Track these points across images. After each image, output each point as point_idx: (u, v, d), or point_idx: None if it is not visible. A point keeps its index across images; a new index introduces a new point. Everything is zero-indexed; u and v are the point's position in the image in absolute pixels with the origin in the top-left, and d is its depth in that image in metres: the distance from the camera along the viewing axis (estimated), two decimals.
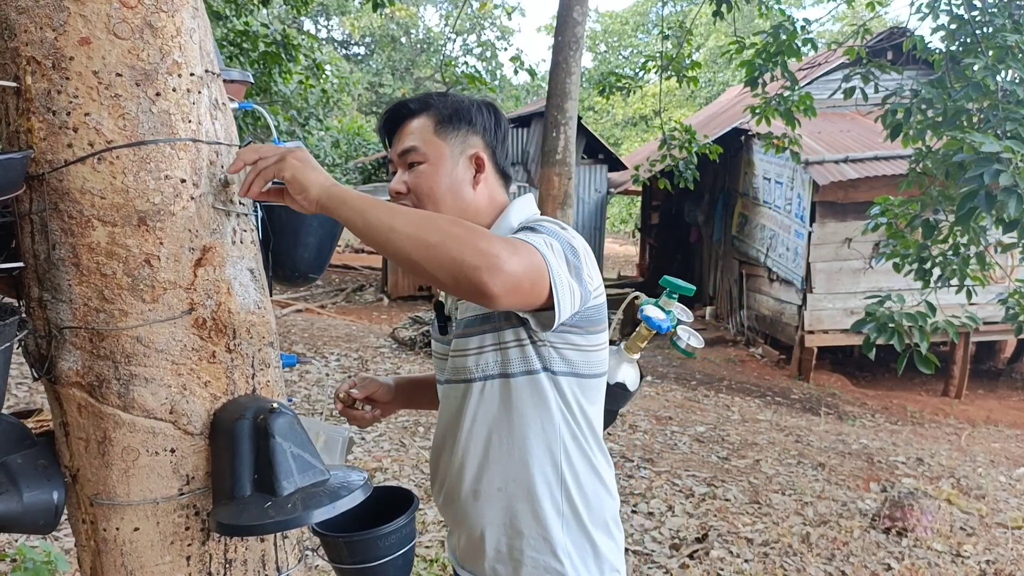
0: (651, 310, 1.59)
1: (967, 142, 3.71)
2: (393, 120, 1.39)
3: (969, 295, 4.71)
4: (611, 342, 1.48)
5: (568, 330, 1.27)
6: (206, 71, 1.22)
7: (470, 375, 1.34)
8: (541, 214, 1.42)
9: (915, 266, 4.80)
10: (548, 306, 1.14)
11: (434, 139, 1.34)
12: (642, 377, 1.64)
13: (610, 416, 1.49)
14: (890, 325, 4.13)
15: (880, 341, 4.21)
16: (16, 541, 3.07)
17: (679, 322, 1.62)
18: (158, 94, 1.14)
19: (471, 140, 1.36)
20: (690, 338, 1.64)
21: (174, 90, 1.15)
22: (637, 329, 1.59)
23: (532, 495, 1.32)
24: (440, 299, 1.47)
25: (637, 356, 1.61)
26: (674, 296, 1.62)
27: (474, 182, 1.36)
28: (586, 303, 1.23)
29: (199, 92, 1.19)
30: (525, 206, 1.39)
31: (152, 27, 1.13)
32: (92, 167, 1.11)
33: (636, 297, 1.86)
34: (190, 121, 1.18)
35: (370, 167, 18.75)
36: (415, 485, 4.42)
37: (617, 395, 1.55)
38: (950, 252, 4.72)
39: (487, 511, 1.36)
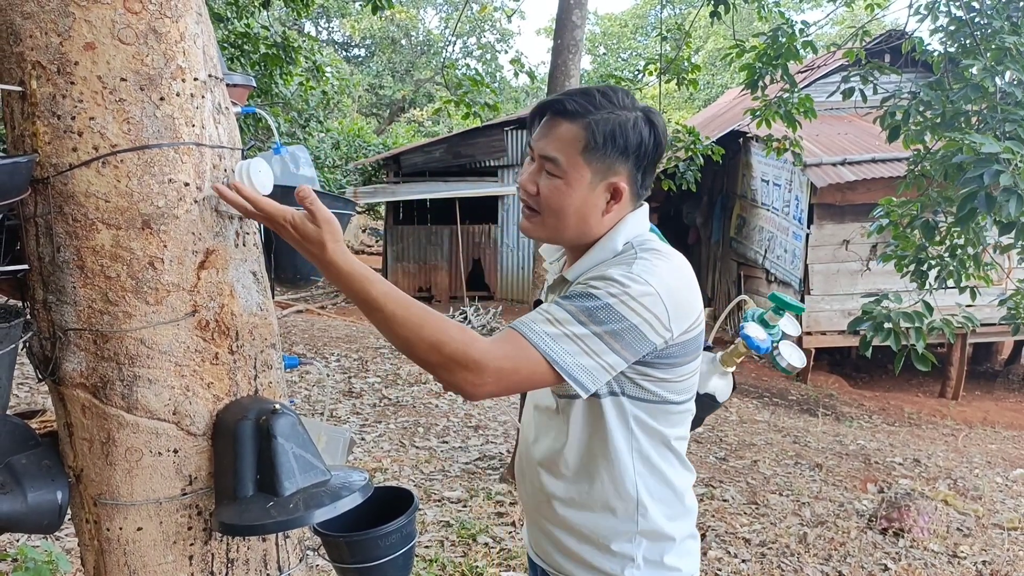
0: (752, 328, 1.54)
1: (966, 143, 3.72)
2: (549, 110, 1.32)
3: (973, 295, 4.72)
4: (707, 348, 1.47)
5: (647, 367, 1.26)
6: (209, 75, 1.23)
7: (548, 401, 1.37)
8: None
9: (912, 266, 4.81)
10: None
11: (578, 160, 1.27)
12: (734, 388, 1.60)
13: (695, 422, 1.47)
14: (886, 325, 4.14)
15: (877, 341, 4.22)
16: (18, 541, 3.08)
17: (783, 337, 1.57)
18: (162, 99, 1.15)
19: (617, 168, 1.29)
20: (791, 356, 1.58)
21: (178, 95, 1.17)
22: (735, 344, 1.54)
23: (605, 509, 1.34)
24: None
25: (731, 369, 1.56)
26: (781, 312, 1.56)
27: (605, 210, 1.31)
28: (645, 353, 1.22)
29: (203, 96, 1.21)
30: (636, 223, 1.34)
31: (156, 32, 1.14)
32: (96, 171, 1.13)
33: (744, 302, 1.83)
34: (194, 125, 1.19)
35: (370, 168, 18.75)
36: (415, 485, 4.43)
37: (704, 404, 1.52)
38: (947, 254, 4.73)
39: (553, 514, 1.39)
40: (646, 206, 1.39)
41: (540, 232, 1.35)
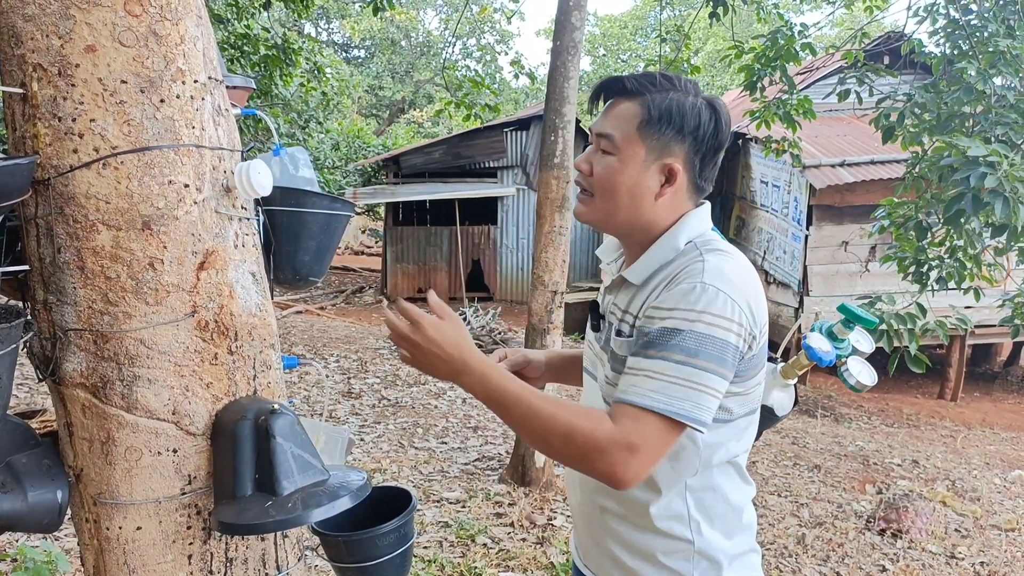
0: (815, 339, 1.46)
1: (955, 145, 3.74)
2: (607, 90, 1.30)
3: (977, 296, 4.74)
4: (771, 359, 1.41)
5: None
6: (209, 78, 1.24)
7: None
8: (539, 217, 1.42)
9: (913, 268, 4.83)
10: None
11: (634, 136, 1.24)
12: (796, 402, 1.52)
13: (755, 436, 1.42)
14: (880, 326, 4.15)
15: None
16: (17, 541, 3.08)
17: (853, 351, 1.49)
18: (162, 101, 1.16)
19: (672, 148, 1.24)
20: (861, 373, 1.48)
21: (178, 97, 1.17)
22: (798, 355, 1.47)
23: (661, 525, 1.29)
24: (597, 299, 1.42)
25: (793, 381, 1.48)
26: (851, 325, 1.47)
27: (658, 193, 1.26)
28: (736, 368, 1.19)
29: (203, 99, 1.22)
30: (699, 221, 1.30)
31: (157, 35, 1.15)
32: (97, 172, 1.13)
33: (817, 314, 1.74)
34: (194, 127, 1.20)
35: (370, 169, 18.77)
36: (414, 486, 4.44)
37: (764, 417, 1.44)
38: (947, 255, 4.75)
39: (607, 529, 1.35)
40: (707, 205, 1.34)
41: (592, 215, 1.31)
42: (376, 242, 22.31)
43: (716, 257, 1.22)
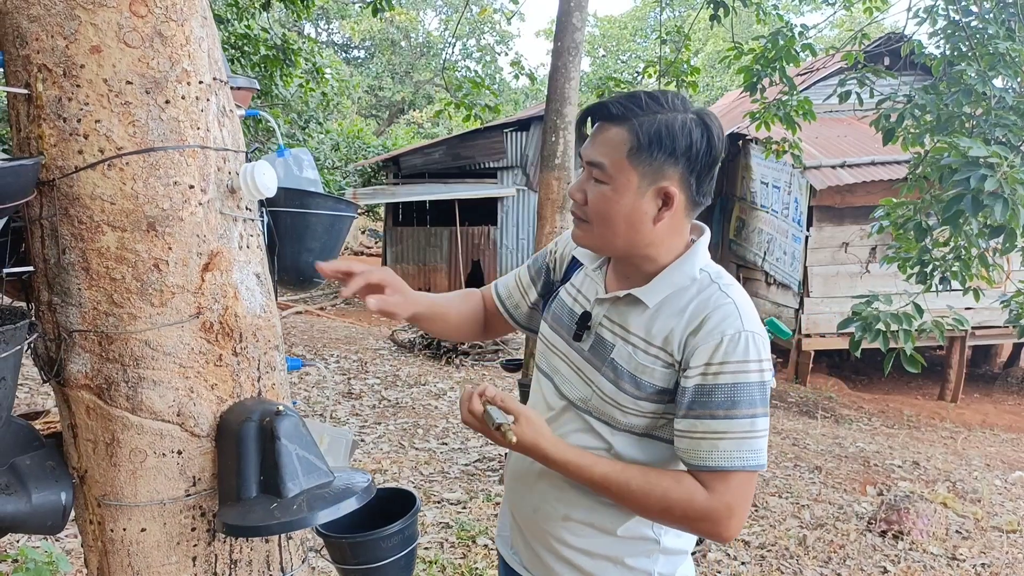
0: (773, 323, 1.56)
1: (955, 146, 3.74)
2: (593, 116, 1.28)
3: (977, 296, 4.74)
4: None
5: None
6: (214, 79, 1.24)
7: (610, 420, 1.31)
8: (540, 217, 1.41)
9: (916, 269, 4.83)
10: None
11: (624, 163, 1.22)
12: None
13: None
14: (877, 326, 4.15)
15: (866, 342, 4.23)
16: (18, 541, 3.08)
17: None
18: (167, 102, 1.16)
19: (666, 171, 1.22)
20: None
21: (183, 98, 1.17)
22: None
23: (630, 530, 1.33)
24: (588, 310, 1.37)
25: None
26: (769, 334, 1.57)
27: (656, 217, 1.24)
28: None
29: (207, 100, 1.21)
30: (705, 248, 1.32)
31: (162, 36, 1.15)
32: (102, 173, 1.13)
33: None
34: (199, 128, 1.19)
35: (369, 170, 18.77)
36: (414, 487, 4.43)
37: None
38: (950, 255, 4.75)
39: (563, 536, 1.36)
40: (708, 230, 1.35)
41: (590, 241, 1.31)
42: (376, 243, 22.30)
43: (737, 293, 1.26)
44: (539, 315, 1.55)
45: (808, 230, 10.34)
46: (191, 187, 1.18)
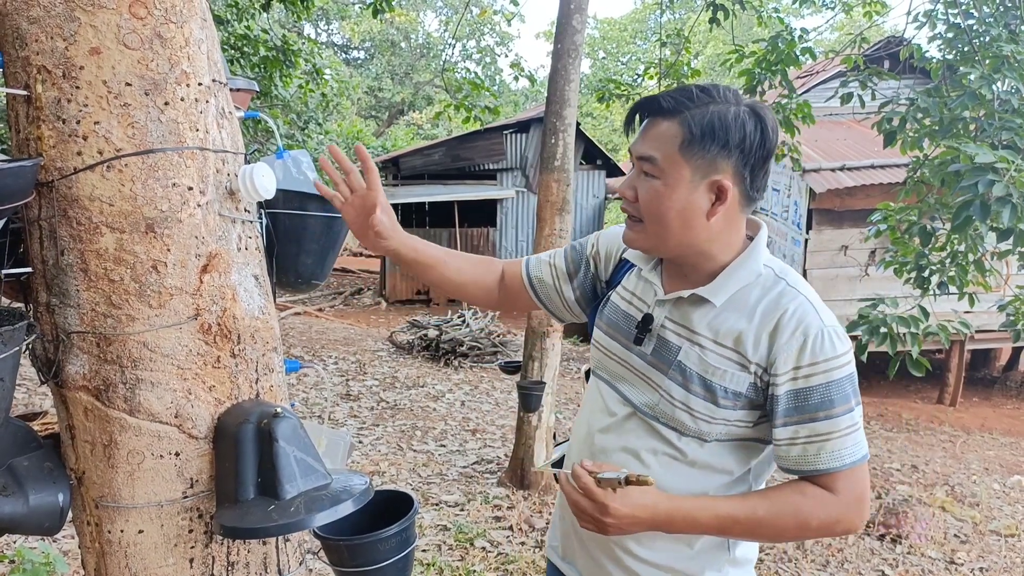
0: None
1: (962, 152, 3.74)
2: (643, 110, 1.25)
3: (972, 301, 4.74)
4: None
5: None
6: (213, 80, 1.24)
7: (678, 426, 1.27)
8: (539, 219, 1.40)
9: (914, 273, 4.83)
10: None
11: (676, 156, 1.19)
12: None
13: None
14: (882, 329, 4.15)
15: (873, 345, 4.23)
16: (15, 542, 3.08)
17: None
18: (167, 103, 1.16)
19: (719, 164, 1.19)
20: None
21: (182, 99, 1.17)
22: None
23: (702, 543, 1.31)
24: (649, 312, 1.33)
25: None
26: None
27: (710, 212, 1.21)
28: None
29: (207, 101, 1.21)
30: (764, 242, 1.29)
31: (161, 38, 1.15)
32: (101, 175, 1.13)
33: None
34: (198, 130, 1.19)
35: None
36: (412, 489, 4.43)
37: None
38: (948, 259, 4.75)
39: (636, 547, 1.33)
40: (766, 226, 1.32)
41: (643, 242, 1.27)
42: None
43: (807, 289, 1.25)
44: (569, 306, 1.52)
45: (807, 233, 10.34)
46: (190, 189, 1.18)
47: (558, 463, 1.55)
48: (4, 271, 1.19)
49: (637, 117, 1.27)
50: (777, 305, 1.22)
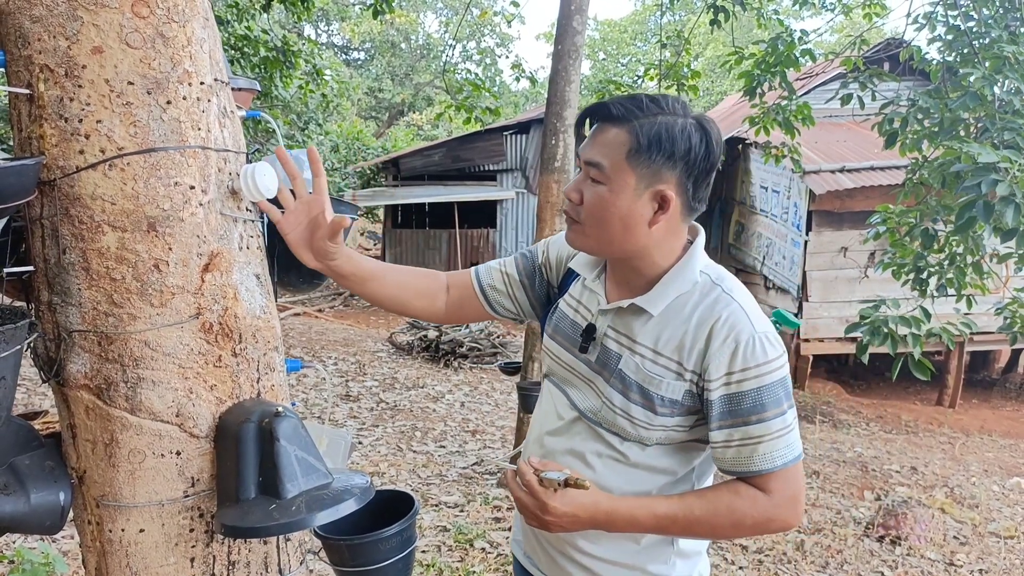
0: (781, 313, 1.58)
1: (964, 152, 3.74)
2: (593, 115, 1.28)
3: (969, 303, 4.74)
4: None
5: None
6: (215, 80, 1.24)
7: (620, 432, 1.31)
8: (539, 220, 1.41)
9: (912, 275, 4.83)
10: None
11: (623, 163, 1.21)
12: None
13: None
14: (884, 330, 4.15)
15: (874, 346, 4.23)
16: (14, 542, 3.07)
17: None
18: (169, 102, 1.16)
19: (664, 175, 1.21)
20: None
21: (184, 98, 1.17)
22: None
23: (646, 544, 1.35)
24: (592, 322, 1.36)
25: None
26: (777, 326, 1.62)
27: (652, 220, 1.24)
28: None
29: (208, 100, 1.21)
30: (701, 248, 1.32)
31: (164, 37, 1.15)
32: (103, 173, 1.13)
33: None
34: (200, 129, 1.20)
35: (369, 171, 18.77)
36: (412, 489, 4.43)
37: None
38: (946, 262, 4.75)
39: (585, 543, 1.37)
40: (703, 230, 1.35)
41: (583, 242, 1.31)
42: (375, 244, 22.30)
43: (740, 295, 1.28)
44: (523, 311, 1.54)
45: (807, 234, 10.35)
46: (192, 188, 1.18)
47: (515, 460, 1.59)
48: (6, 270, 1.19)
49: (587, 122, 1.29)
50: (711, 312, 1.25)
